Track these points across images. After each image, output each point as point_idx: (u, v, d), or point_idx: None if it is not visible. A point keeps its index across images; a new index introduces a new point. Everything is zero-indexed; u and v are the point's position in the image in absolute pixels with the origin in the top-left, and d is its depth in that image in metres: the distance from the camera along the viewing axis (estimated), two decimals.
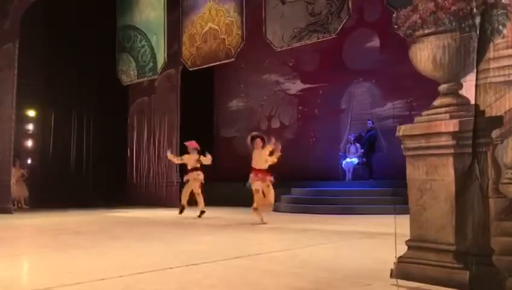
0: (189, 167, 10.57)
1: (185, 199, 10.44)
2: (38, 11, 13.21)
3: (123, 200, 15.08)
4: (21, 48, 12.17)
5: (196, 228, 8.42)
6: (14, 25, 12.32)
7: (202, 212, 10.16)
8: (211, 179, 13.38)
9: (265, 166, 8.60)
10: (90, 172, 16.34)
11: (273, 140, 8.65)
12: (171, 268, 4.22)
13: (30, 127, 15.67)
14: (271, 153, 8.62)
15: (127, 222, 9.57)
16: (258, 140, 8.65)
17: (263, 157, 8.56)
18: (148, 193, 15.00)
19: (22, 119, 14.94)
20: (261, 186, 8.54)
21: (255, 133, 9.10)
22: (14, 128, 12.30)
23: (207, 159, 10.21)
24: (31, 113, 15.60)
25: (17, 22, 12.29)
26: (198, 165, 10.40)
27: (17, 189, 13.49)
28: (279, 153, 8.68)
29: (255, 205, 8.50)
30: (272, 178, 8.68)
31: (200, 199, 10.28)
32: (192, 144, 10.70)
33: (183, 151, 11.12)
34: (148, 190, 15.20)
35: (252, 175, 8.61)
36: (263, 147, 8.64)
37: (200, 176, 10.38)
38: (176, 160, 11.33)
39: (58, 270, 4.20)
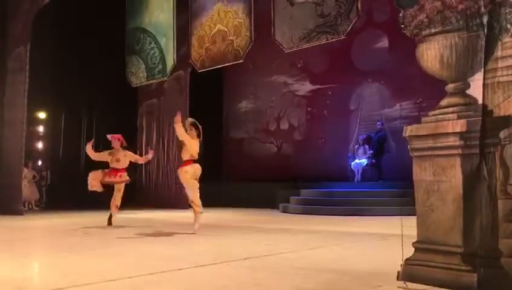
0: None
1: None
2: (48, 14, 13.31)
3: (132, 201, 15.12)
4: (31, 50, 12.26)
5: (204, 229, 8.41)
6: (25, 28, 12.42)
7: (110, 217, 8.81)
8: (219, 180, 13.43)
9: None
10: None
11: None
12: (180, 269, 4.23)
13: (41, 129, 15.80)
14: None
15: (136, 223, 9.60)
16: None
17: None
18: (157, 195, 15.03)
19: (33, 121, 15.07)
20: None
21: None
22: (25, 131, 12.41)
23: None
24: (42, 115, 15.73)
25: (28, 26, 12.37)
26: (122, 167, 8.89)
27: (28, 190, 13.61)
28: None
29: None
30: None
31: (116, 202, 8.98)
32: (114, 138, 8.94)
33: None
34: (157, 192, 15.23)
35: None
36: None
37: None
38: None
39: (69, 271, 4.23)
